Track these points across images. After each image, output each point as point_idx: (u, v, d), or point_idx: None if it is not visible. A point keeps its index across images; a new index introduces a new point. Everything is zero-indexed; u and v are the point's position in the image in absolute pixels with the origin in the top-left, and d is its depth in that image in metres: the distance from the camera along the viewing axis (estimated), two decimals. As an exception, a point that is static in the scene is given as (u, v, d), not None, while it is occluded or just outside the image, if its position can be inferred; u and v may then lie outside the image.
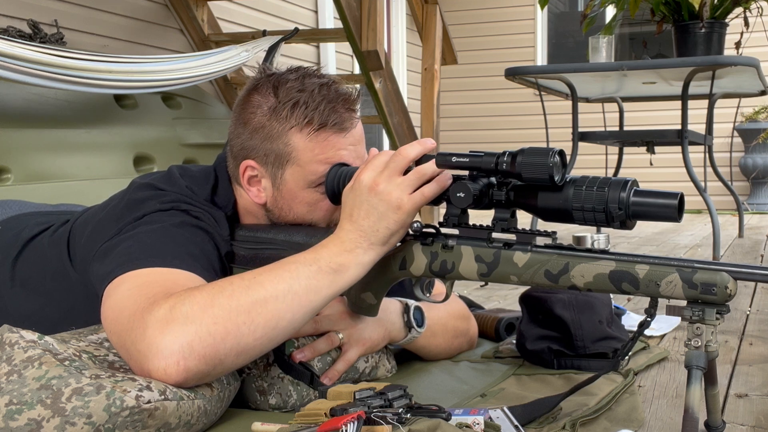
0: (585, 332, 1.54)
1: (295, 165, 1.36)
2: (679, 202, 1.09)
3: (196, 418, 1.10)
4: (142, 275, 1.18)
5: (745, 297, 2.46)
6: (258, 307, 1.11)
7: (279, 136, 1.35)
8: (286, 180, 1.37)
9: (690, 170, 3.56)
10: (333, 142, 1.35)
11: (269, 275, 1.15)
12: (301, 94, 1.35)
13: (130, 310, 1.11)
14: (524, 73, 3.79)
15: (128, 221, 1.31)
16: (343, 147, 1.36)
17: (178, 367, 1.05)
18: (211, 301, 1.09)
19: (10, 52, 2.77)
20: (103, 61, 3.19)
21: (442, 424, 1.11)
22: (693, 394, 1.05)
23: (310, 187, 1.37)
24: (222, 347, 1.07)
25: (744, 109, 6.86)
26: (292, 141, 1.35)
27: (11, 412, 0.98)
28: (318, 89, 1.35)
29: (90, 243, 1.33)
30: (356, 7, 4.13)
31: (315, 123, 1.34)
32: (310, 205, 1.38)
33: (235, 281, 1.14)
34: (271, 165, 1.37)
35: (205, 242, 1.31)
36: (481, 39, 8.10)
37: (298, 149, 1.35)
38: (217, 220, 1.37)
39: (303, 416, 1.14)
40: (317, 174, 1.35)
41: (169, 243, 1.25)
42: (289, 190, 1.38)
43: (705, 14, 3.77)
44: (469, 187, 1.20)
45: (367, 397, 1.13)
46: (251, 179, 1.40)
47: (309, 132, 1.34)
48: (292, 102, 1.34)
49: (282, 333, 1.15)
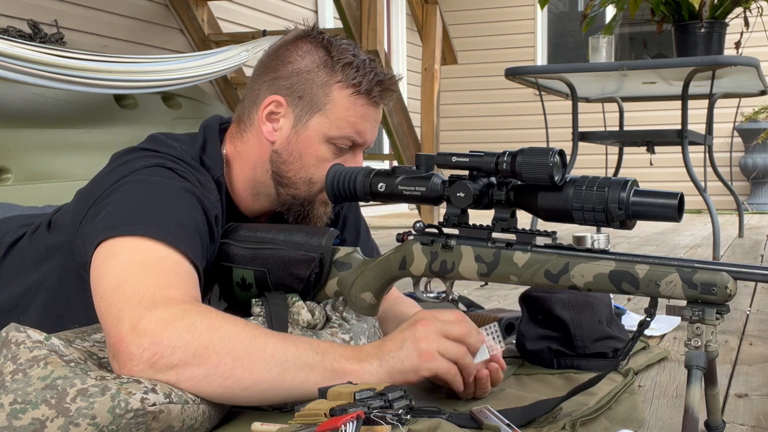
0: (585, 332, 1.54)
1: (325, 116, 1.40)
2: (679, 202, 1.09)
3: (200, 423, 1.10)
4: (139, 249, 1.18)
5: (745, 297, 2.46)
6: (247, 360, 1.11)
7: (323, 85, 1.40)
8: (309, 126, 1.41)
9: (690, 170, 3.56)
10: (367, 111, 1.42)
11: (277, 340, 1.15)
12: (355, 59, 1.41)
13: (133, 287, 1.12)
14: (524, 73, 3.79)
15: (114, 180, 1.30)
16: (371, 119, 1.43)
17: (153, 356, 1.06)
18: (219, 326, 1.11)
19: (10, 52, 2.77)
20: (103, 61, 3.20)
21: (443, 424, 1.11)
22: (693, 394, 1.05)
23: (328, 142, 1.41)
24: (197, 370, 1.08)
25: (744, 109, 6.86)
26: (333, 93, 1.40)
27: (15, 411, 0.98)
28: (368, 61, 1.43)
29: (78, 210, 1.33)
30: (356, 7, 4.13)
31: (362, 87, 1.40)
32: (318, 159, 1.42)
33: (248, 326, 1.15)
34: (301, 107, 1.41)
35: (193, 207, 1.29)
36: (481, 39, 8.10)
37: (335, 103, 1.40)
38: (203, 183, 1.36)
39: (302, 416, 1.14)
40: (342, 132, 1.41)
41: (157, 209, 1.24)
42: (308, 137, 1.42)
43: (705, 14, 3.77)
44: (469, 187, 1.20)
45: (367, 397, 1.13)
46: (271, 115, 1.43)
47: (352, 92, 1.40)
48: (346, 61, 1.40)
49: (246, 395, 1.14)
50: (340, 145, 1.42)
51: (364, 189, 1.29)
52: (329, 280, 1.39)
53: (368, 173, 1.29)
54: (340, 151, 1.42)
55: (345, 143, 1.42)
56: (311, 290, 1.38)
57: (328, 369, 1.16)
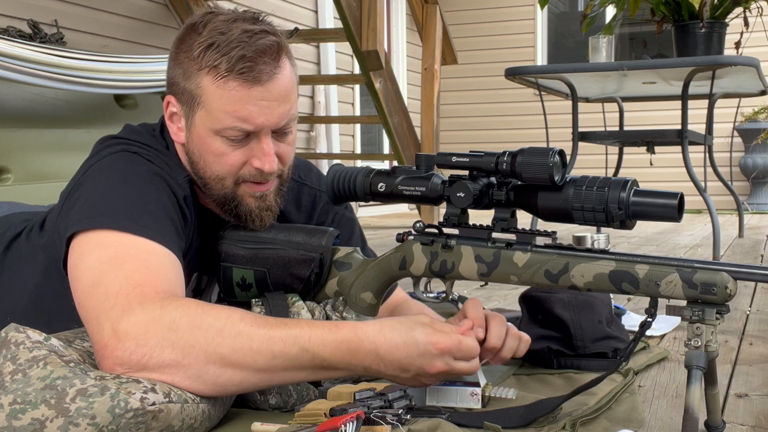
0: (585, 332, 1.54)
1: (204, 109, 1.28)
2: (679, 202, 1.10)
3: (199, 422, 1.10)
4: (108, 245, 1.17)
5: (745, 297, 2.46)
6: (237, 353, 1.10)
7: (192, 75, 1.28)
8: (195, 123, 1.31)
9: (690, 170, 3.55)
10: (240, 93, 1.25)
11: (262, 333, 1.11)
12: (220, 37, 1.26)
13: (106, 289, 1.11)
14: (524, 73, 3.79)
15: (82, 172, 1.30)
16: (251, 101, 1.26)
17: (143, 358, 1.06)
18: (200, 322, 1.09)
19: (10, 52, 2.77)
20: (103, 61, 3.20)
21: (442, 424, 1.11)
22: (693, 394, 1.05)
23: (218, 135, 1.29)
24: (187, 359, 1.08)
25: (744, 109, 6.85)
26: (203, 84, 1.27)
27: (15, 411, 0.98)
28: (239, 34, 1.26)
29: (57, 206, 1.33)
30: (356, 7, 4.13)
31: (222, 68, 1.25)
32: (215, 155, 1.30)
33: (230, 319, 1.12)
34: (186, 105, 1.31)
35: (160, 190, 1.28)
36: (481, 39, 8.10)
37: (207, 93, 1.27)
38: (169, 165, 1.34)
39: (302, 416, 1.14)
40: (223, 124, 1.27)
41: (123, 198, 1.23)
42: (198, 134, 1.31)
43: (705, 14, 3.77)
44: (469, 187, 1.20)
45: (367, 397, 1.13)
46: (172, 116, 1.35)
47: (216, 77, 1.25)
48: (208, 43, 1.26)
49: (233, 392, 1.14)
50: (229, 136, 1.28)
51: (364, 189, 1.29)
52: (329, 280, 1.39)
53: (368, 173, 1.29)
54: (235, 142, 1.29)
55: (233, 134, 1.28)
56: (311, 290, 1.38)
57: (316, 369, 1.14)
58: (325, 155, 5.89)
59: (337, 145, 6.43)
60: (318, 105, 6.26)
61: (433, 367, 1.15)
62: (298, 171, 1.48)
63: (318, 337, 1.12)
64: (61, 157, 3.18)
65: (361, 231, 1.62)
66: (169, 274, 1.19)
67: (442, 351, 1.15)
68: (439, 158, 1.21)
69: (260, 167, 1.31)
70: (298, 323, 1.15)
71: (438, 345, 1.15)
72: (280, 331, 1.12)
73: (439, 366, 1.15)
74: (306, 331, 1.12)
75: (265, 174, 1.32)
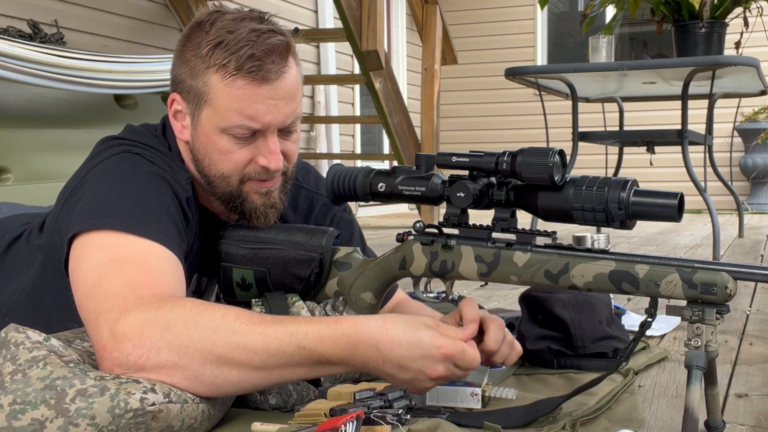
0: (585, 332, 1.54)
1: (211, 107, 1.29)
2: (679, 202, 1.10)
3: (199, 422, 1.10)
4: (109, 246, 1.17)
5: (745, 297, 2.46)
6: (232, 352, 1.09)
7: (199, 74, 1.29)
8: (202, 121, 1.31)
9: (690, 170, 3.55)
10: (248, 92, 1.27)
11: (258, 334, 1.10)
12: (229, 36, 1.27)
13: (106, 290, 1.12)
14: (524, 73, 3.79)
15: (84, 173, 1.30)
16: (259, 100, 1.27)
17: (140, 359, 1.06)
18: (195, 323, 1.09)
19: (10, 52, 2.77)
20: (103, 61, 3.20)
21: (442, 424, 1.11)
22: (693, 394, 1.05)
23: (224, 133, 1.30)
24: (186, 371, 1.08)
25: (744, 109, 6.85)
26: (210, 82, 1.28)
27: (15, 411, 0.98)
28: (247, 33, 1.27)
29: (56, 206, 1.33)
30: (356, 7, 4.13)
31: (231, 67, 1.26)
32: (221, 153, 1.31)
33: (225, 319, 1.11)
34: (192, 103, 1.32)
35: (162, 191, 1.28)
36: (481, 39, 8.10)
37: (214, 92, 1.28)
38: (171, 167, 1.34)
39: (302, 416, 1.14)
40: (230, 122, 1.28)
41: (125, 198, 1.23)
42: (204, 132, 1.32)
43: (705, 14, 3.77)
44: (469, 187, 1.20)
45: (367, 397, 1.13)
46: (177, 113, 1.35)
47: (224, 75, 1.27)
48: (216, 41, 1.27)
49: (230, 392, 1.14)
50: (236, 134, 1.30)
51: (364, 189, 1.29)
52: (329, 280, 1.39)
53: (368, 173, 1.29)
54: (242, 140, 1.31)
55: (240, 132, 1.30)
56: (311, 290, 1.38)
57: (314, 366, 1.14)
58: (325, 155, 5.90)
59: (337, 145, 6.44)
60: (318, 105, 6.27)
61: (434, 370, 1.15)
62: (296, 173, 1.49)
63: (315, 334, 1.12)
64: (61, 157, 3.18)
65: (360, 232, 1.62)
66: (170, 276, 1.19)
67: (446, 356, 1.14)
68: (439, 158, 1.21)
69: (266, 165, 1.32)
70: (295, 320, 1.14)
71: (442, 349, 1.14)
72: (276, 328, 1.11)
73: (440, 370, 1.15)
74: (303, 328, 1.12)
75: (270, 172, 1.33)
